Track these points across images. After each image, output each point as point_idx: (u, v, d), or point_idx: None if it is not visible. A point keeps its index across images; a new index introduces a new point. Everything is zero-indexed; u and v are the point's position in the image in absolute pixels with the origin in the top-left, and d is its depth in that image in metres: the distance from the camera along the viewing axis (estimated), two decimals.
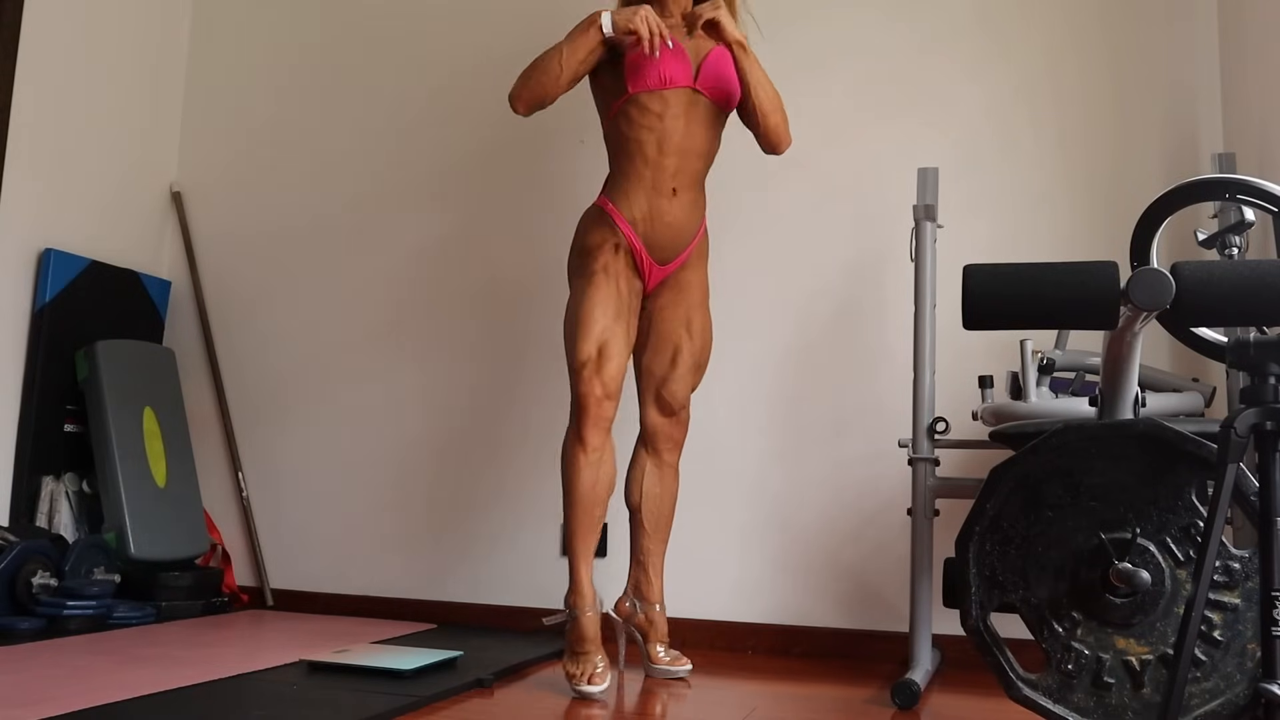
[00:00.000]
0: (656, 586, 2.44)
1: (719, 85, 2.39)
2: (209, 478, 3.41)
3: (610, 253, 2.36)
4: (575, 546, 2.30)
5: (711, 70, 2.39)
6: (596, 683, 2.17)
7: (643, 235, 2.37)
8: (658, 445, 2.46)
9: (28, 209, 3.06)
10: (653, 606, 2.43)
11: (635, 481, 2.46)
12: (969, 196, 2.95)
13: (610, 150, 2.46)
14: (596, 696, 2.16)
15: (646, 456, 2.47)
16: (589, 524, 2.30)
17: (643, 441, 2.48)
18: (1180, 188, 1.91)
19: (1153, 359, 2.76)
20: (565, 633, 2.29)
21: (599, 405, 2.26)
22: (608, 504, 2.33)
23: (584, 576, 2.29)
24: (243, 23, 3.63)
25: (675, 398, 2.44)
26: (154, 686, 1.99)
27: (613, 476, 2.33)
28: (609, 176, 2.46)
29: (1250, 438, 1.38)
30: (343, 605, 3.23)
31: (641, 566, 2.44)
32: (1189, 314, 1.46)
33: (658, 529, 2.45)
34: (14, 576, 2.67)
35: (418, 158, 3.39)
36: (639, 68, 2.35)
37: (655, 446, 2.46)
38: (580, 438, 2.27)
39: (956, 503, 2.74)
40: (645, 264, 2.39)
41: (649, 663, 2.42)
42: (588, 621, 2.26)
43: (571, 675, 2.20)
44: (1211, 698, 1.52)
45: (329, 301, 3.41)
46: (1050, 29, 2.96)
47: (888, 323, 2.95)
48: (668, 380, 2.44)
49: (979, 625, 1.63)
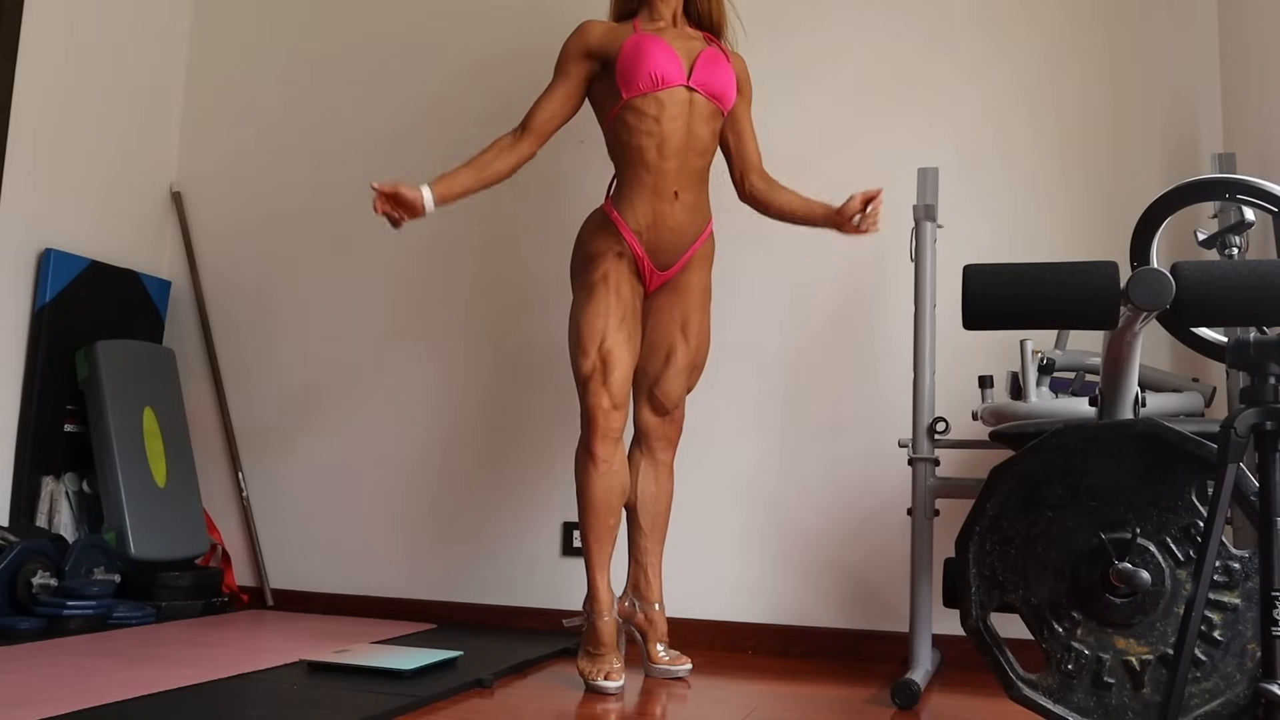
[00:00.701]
0: (655, 586, 2.45)
1: (712, 84, 2.39)
2: (209, 478, 3.41)
3: (613, 260, 2.37)
4: (591, 554, 2.32)
5: (705, 69, 2.39)
6: (614, 679, 2.19)
7: (647, 244, 2.38)
8: (652, 444, 2.47)
9: (28, 209, 3.06)
10: (652, 606, 2.44)
11: (631, 482, 2.46)
12: (969, 196, 2.95)
13: (613, 158, 2.47)
14: (612, 691, 2.18)
15: (641, 456, 2.47)
16: (603, 532, 2.31)
17: (637, 441, 2.48)
18: (1180, 188, 1.91)
19: (1153, 359, 2.76)
20: (582, 635, 2.31)
21: (606, 417, 2.27)
22: (621, 511, 2.34)
23: (600, 583, 2.31)
24: (243, 23, 3.63)
25: (668, 398, 2.44)
26: (154, 686, 1.99)
27: (625, 483, 2.34)
28: (614, 181, 2.46)
29: (1250, 438, 1.38)
30: (343, 605, 3.23)
31: (640, 566, 2.45)
32: (1189, 314, 1.46)
33: (654, 528, 2.45)
34: (14, 576, 2.67)
35: (418, 158, 3.39)
36: (631, 72, 2.35)
37: (649, 446, 2.47)
38: (590, 450, 2.29)
39: (956, 503, 2.74)
40: (647, 270, 2.40)
41: (649, 662, 2.42)
42: (605, 626, 2.28)
43: (587, 673, 2.21)
44: (1211, 698, 1.52)
45: (329, 301, 3.41)
46: (1051, 29, 2.96)
47: (888, 323, 2.95)
48: (660, 380, 2.44)
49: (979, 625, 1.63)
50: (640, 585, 2.45)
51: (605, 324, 2.31)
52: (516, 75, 3.32)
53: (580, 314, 2.34)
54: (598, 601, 2.30)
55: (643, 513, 2.45)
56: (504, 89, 3.32)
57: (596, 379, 2.28)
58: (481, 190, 2.40)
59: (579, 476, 2.31)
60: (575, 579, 3.05)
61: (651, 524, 2.45)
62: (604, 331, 2.30)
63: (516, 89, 3.31)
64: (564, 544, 3.07)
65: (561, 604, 3.05)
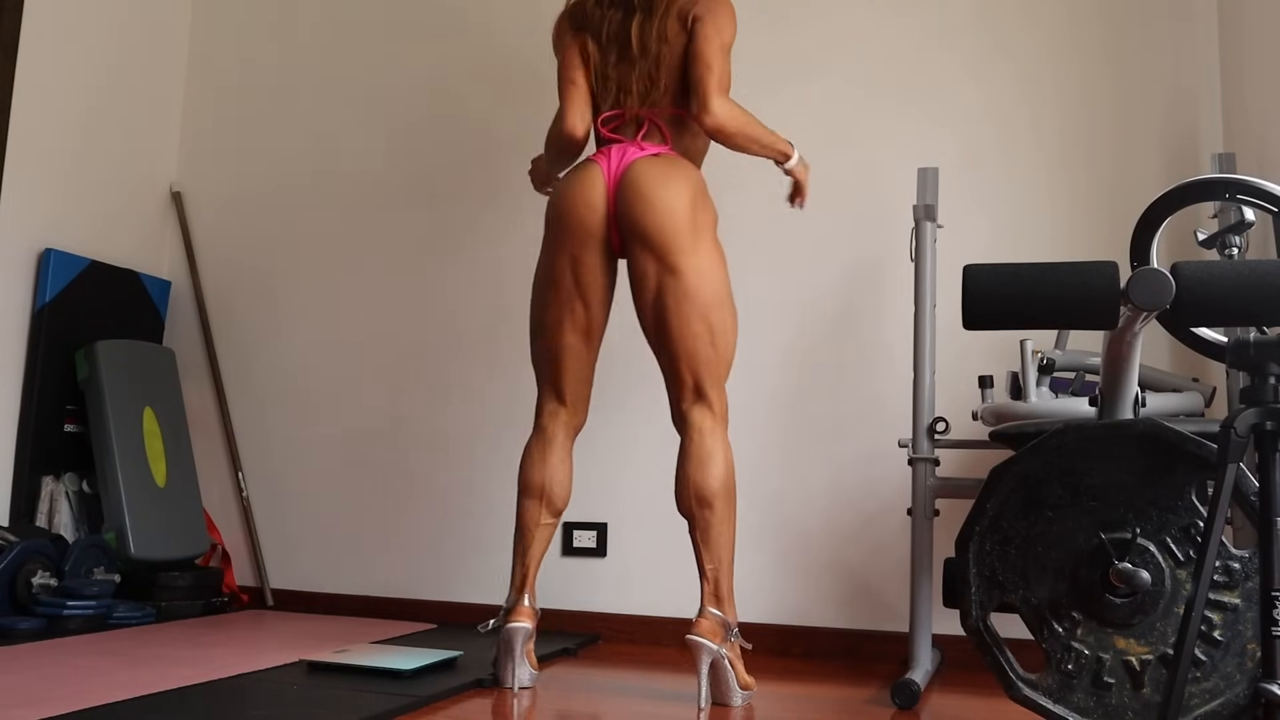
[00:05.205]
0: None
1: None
2: (209, 478, 3.41)
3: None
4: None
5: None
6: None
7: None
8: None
9: (28, 209, 3.06)
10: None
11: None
12: (969, 196, 2.95)
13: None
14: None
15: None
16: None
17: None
18: (1180, 188, 1.91)
19: (1153, 359, 2.76)
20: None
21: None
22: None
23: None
24: (242, 23, 3.63)
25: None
26: (154, 686, 1.99)
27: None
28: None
29: (1250, 438, 1.38)
30: (343, 605, 3.23)
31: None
32: (1189, 314, 1.46)
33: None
34: (14, 576, 2.67)
35: (418, 157, 3.39)
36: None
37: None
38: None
39: (956, 503, 2.74)
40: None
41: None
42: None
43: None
44: (1211, 698, 1.52)
45: (329, 301, 3.41)
46: (1051, 29, 2.96)
47: (888, 323, 2.95)
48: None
49: (979, 625, 1.63)
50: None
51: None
52: (520, 72, 3.32)
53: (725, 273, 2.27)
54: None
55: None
56: (505, 88, 3.32)
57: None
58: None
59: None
60: (576, 579, 3.05)
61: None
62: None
63: (521, 85, 3.31)
64: (564, 544, 3.07)
65: (562, 604, 3.05)
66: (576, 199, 2.23)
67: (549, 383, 2.31)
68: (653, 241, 2.17)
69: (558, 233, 2.25)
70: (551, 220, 2.28)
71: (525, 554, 2.22)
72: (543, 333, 2.29)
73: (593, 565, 3.05)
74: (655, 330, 2.21)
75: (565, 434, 2.30)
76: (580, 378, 2.31)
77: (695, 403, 2.20)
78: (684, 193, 2.19)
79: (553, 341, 2.28)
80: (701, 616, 2.09)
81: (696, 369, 2.19)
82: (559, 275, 2.25)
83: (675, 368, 2.20)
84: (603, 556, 3.04)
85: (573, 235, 2.23)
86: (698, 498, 2.14)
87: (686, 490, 2.15)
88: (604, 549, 3.04)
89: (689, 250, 2.17)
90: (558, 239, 2.25)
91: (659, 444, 3.05)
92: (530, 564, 2.22)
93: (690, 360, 2.18)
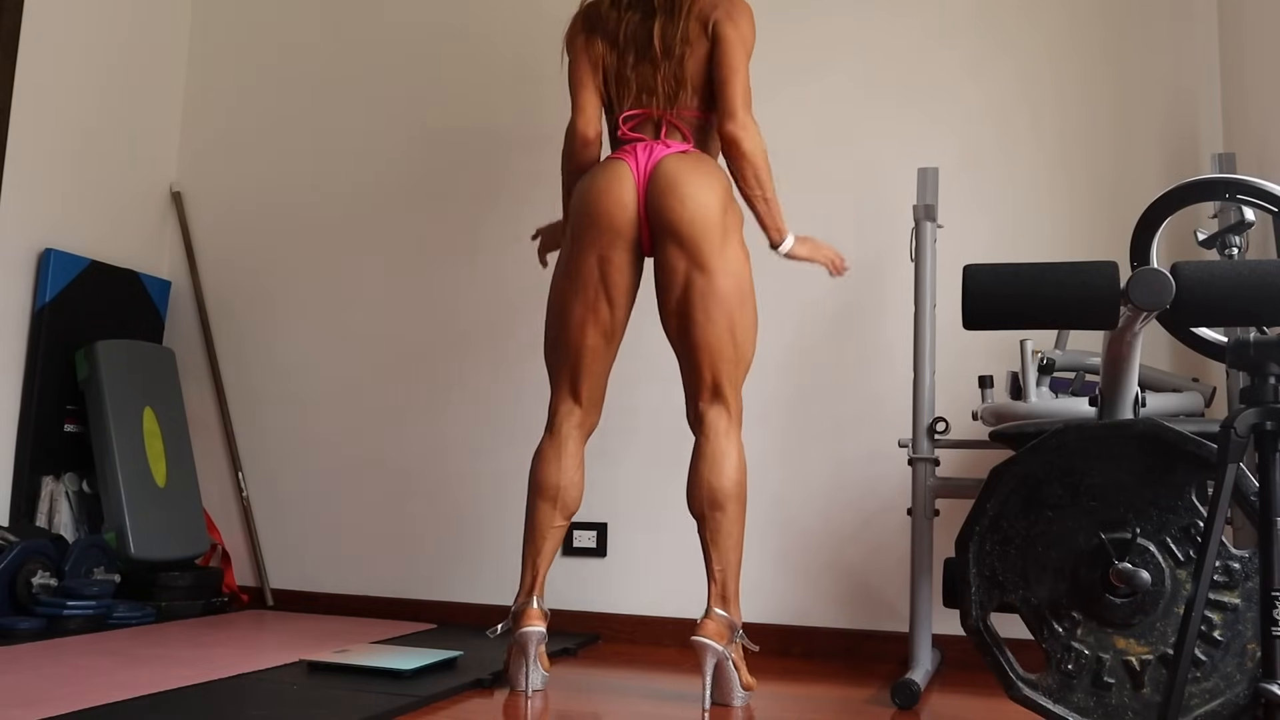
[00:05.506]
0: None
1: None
2: (209, 478, 3.41)
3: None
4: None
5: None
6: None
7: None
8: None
9: (28, 209, 3.06)
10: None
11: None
12: (969, 196, 2.95)
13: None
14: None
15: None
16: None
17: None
18: (1180, 188, 1.91)
19: (1153, 359, 2.76)
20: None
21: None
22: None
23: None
24: (242, 23, 3.63)
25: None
26: (154, 686, 1.99)
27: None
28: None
29: (1250, 438, 1.38)
30: (343, 605, 3.23)
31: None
32: (1189, 314, 1.46)
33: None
34: (14, 576, 2.67)
35: (418, 158, 3.39)
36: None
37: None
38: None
39: (956, 503, 2.74)
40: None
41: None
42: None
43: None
44: (1211, 698, 1.52)
45: (329, 301, 3.41)
46: (1051, 29, 2.96)
47: (888, 323, 2.95)
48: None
49: (979, 625, 1.63)
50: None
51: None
52: (523, 75, 3.32)
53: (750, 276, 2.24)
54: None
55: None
56: (507, 88, 3.32)
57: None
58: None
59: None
60: (576, 579, 3.05)
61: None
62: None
63: (523, 88, 3.31)
64: (564, 544, 3.07)
65: (562, 604, 3.05)
66: (607, 196, 2.18)
67: (566, 383, 2.26)
68: (684, 237, 2.14)
69: (587, 231, 2.19)
70: (578, 218, 2.21)
71: (536, 556, 2.19)
72: (564, 332, 2.23)
73: (593, 565, 3.05)
74: (679, 327, 2.18)
75: (579, 435, 2.26)
76: (598, 379, 2.26)
77: (713, 403, 2.18)
78: (716, 191, 2.17)
79: (575, 341, 2.22)
80: (708, 618, 2.08)
81: (717, 368, 2.16)
82: (585, 274, 2.20)
83: (696, 366, 2.17)
84: (603, 556, 3.04)
85: (603, 234, 2.18)
86: (710, 499, 2.12)
87: (699, 491, 2.13)
88: (604, 549, 3.04)
89: (719, 249, 2.15)
90: (586, 237, 2.19)
91: (659, 444, 3.05)
92: (541, 566, 2.20)
93: (712, 359, 2.16)
